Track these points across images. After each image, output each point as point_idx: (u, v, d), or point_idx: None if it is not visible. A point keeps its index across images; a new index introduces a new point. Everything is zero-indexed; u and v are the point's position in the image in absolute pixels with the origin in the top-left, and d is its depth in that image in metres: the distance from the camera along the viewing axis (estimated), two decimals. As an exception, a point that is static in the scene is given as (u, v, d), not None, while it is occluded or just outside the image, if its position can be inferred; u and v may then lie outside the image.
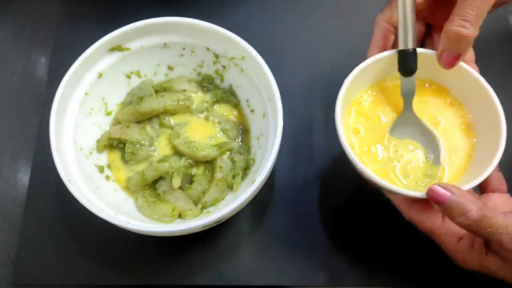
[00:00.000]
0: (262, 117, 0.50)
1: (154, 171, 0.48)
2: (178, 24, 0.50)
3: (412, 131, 0.45)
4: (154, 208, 0.46)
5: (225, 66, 0.52)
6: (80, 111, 0.49)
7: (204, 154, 0.49)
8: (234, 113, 0.53)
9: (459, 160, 0.44)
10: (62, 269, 0.49)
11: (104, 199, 0.46)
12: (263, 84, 0.48)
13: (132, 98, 0.53)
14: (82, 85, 0.49)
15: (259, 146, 0.50)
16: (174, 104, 0.51)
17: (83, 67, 0.48)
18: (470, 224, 0.36)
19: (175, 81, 0.53)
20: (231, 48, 0.50)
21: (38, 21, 0.62)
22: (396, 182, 0.43)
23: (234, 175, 0.49)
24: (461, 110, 0.46)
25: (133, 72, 0.53)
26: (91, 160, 0.49)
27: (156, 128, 0.52)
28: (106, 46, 0.49)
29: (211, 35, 0.50)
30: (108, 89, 0.51)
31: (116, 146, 0.51)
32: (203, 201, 0.48)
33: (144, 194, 0.48)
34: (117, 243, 0.50)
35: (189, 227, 0.42)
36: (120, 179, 0.50)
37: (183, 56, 0.53)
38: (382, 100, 0.47)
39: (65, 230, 0.50)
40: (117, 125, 0.51)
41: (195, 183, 0.49)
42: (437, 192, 0.37)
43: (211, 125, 0.51)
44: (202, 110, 0.52)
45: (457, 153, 0.44)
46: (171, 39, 0.51)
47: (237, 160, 0.49)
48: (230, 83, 0.53)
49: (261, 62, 0.47)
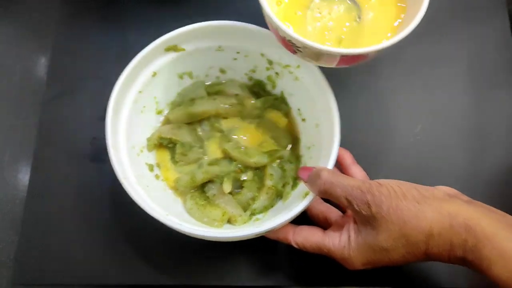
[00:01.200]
0: (314, 127, 0.49)
1: (204, 174, 0.48)
2: (234, 28, 0.49)
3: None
4: (204, 211, 0.46)
5: (278, 73, 0.52)
6: (133, 109, 0.49)
7: (254, 161, 0.49)
8: (284, 121, 0.52)
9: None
10: (62, 268, 0.49)
11: (154, 198, 0.46)
12: (319, 95, 0.48)
13: (182, 98, 0.52)
14: (137, 83, 0.49)
15: (310, 156, 0.49)
16: (227, 108, 0.51)
17: (140, 65, 0.48)
18: (324, 183, 0.40)
19: (227, 85, 0.53)
20: (286, 56, 0.50)
21: (38, 22, 0.62)
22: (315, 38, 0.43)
23: (284, 184, 0.48)
24: None
25: (185, 72, 0.52)
26: (141, 158, 0.49)
27: (206, 130, 0.51)
28: (163, 45, 0.49)
29: (266, 40, 0.50)
30: (160, 88, 0.51)
31: (165, 145, 0.51)
32: (252, 207, 0.48)
33: (193, 196, 0.48)
34: (117, 242, 0.50)
35: (244, 234, 0.42)
36: (168, 179, 0.50)
37: (236, 60, 0.52)
38: None
39: (65, 229, 0.50)
40: (168, 125, 0.51)
41: (244, 189, 0.49)
42: (305, 168, 0.44)
43: (261, 131, 0.51)
44: (253, 115, 0.52)
45: None
46: (226, 42, 0.51)
47: (287, 168, 0.49)
48: (282, 90, 0.53)
49: (318, 72, 0.47)
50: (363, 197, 0.38)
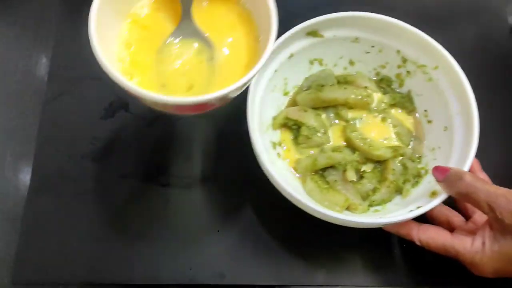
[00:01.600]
0: (442, 130, 0.49)
1: (327, 159, 0.49)
2: (376, 21, 0.50)
3: (189, 37, 0.42)
4: (326, 195, 0.47)
5: (410, 71, 0.52)
6: (267, 87, 0.50)
7: (378, 154, 0.49)
8: (409, 120, 0.53)
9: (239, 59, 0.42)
10: (63, 267, 0.49)
11: (279, 175, 0.47)
12: (456, 99, 0.48)
13: (310, 84, 0.54)
14: (275, 63, 0.50)
15: (433, 158, 0.49)
16: (356, 99, 0.51)
17: (282, 45, 0.49)
18: (466, 186, 0.40)
19: (358, 76, 0.53)
20: (425, 55, 0.50)
21: (39, 22, 0.61)
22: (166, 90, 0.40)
23: (405, 181, 0.49)
24: (250, 22, 0.43)
25: (316, 59, 0.53)
26: (267, 135, 0.51)
27: (331, 117, 0.52)
28: (306, 30, 0.50)
29: (406, 38, 0.50)
30: (292, 70, 0.53)
31: (289, 126, 0.52)
32: (371, 199, 0.48)
33: (314, 179, 0.49)
34: (118, 242, 0.50)
35: (371, 222, 0.43)
36: (289, 159, 0.51)
37: (368, 53, 0.53)
38: (163, 9, 0.43)
39: (65, 229, 0.50)
40: (295, 107, 0.52)
41: (365, 180, 0.49)
42: (440, 168, 0.43)
43: (386, 126, 0.52)
44: (379, 110, 0.52)
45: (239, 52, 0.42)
46: (363, 34, 0.52)
47: (409, 166, 0.49)
48: (410, 89, 0.53)
49: (461, 75, 0.47)
50: (509, 206, 0.38)
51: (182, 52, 0.41)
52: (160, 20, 0.42)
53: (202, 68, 0.41)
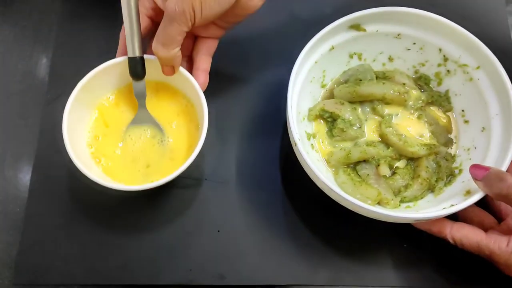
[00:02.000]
0: (480, 131, 0.49)
1: (361, 153, 0.49)
2: (421, 17, 0.50)
3: (145, 123, 0.50)
4: (359, 188, 0.48)
5: (450, 71, 0.52)
6: (306, 77, 0.51)
7: (413, 150, 0.49)
8: (445, 119, 0.53)
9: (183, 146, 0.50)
10: (63, 268, 0.49)
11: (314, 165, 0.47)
12: (498, 99, 0.48)
13: (348, 77, 0.54)
14: (316, 54, 0.51)
15: (468, 158, 0.49)
16: (394, 95, 0.51)
17: (325, 37, 0.50)
18: (509, 187, 0.40)
19: (396, 73, 0.53)
20: (468, 55, 0.50)
21: (39, 22, 0.61)
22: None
23: (438, 179, 0.49)
24: (193, 113, 0.51)
25: (356, 53, 0.54)
26: (302, 125, 0.51)
27: (367, 112, 0.53)
28: (349, 23, 0.50)
29: (449, 36, 0.50)
30: (331, 63, 0.53)
31: (325, 118, 0.52)
32: (403, 195, 0.48)
33: (347, 171, 0.49)
34: (118, 242, 0.50)
35: (404, 216, 0.43)
36: (322, 151, 0.51)
37: (409, 50, 0.53)
38: (123, 102, 0.51)
39: (66, 229, 0.51)
40: (332, 100, 0.53)
41: (397, 176, 0.49)
42: (479, 166, 0.43)
43: (422, 124, 0.52)
44: (416, 107, 0.52)
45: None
46: (406, 30, 0.52)
47: (442, 165, 0.49)
48: (448, 89, 0.53)
49: (504, 76, 0.47)
50: None
51: (139, 135, 0.50)
52: (120, 112, 0.51)
53: (155, 149, 0.50)
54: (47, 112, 0.56)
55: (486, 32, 0.56)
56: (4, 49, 0.60)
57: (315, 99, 0.54)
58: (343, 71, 0.54)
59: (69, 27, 0.61)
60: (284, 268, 0.49)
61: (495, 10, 0.62)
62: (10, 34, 0.61)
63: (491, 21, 0.62)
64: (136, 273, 0.49)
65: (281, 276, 0.49)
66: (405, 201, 0.49)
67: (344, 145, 0.51)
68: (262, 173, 0.53)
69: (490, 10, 0.62)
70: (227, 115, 0.56)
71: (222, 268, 0.49)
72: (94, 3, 0.62)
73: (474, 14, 0.61)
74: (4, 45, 0.61)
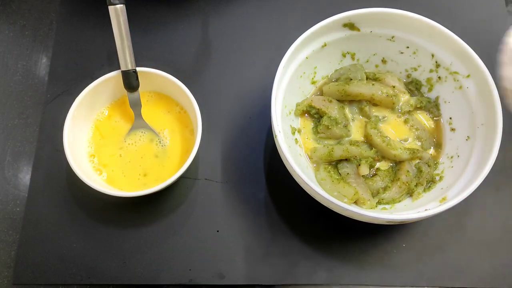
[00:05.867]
0: (464, 139, 0.49)
1: (344, 151, 0.50)
2: (414, 20, 0.50)
3: (142, 129, 0.53)
4: (336, 186, 0.48)
5: (441, 77, 0.52)
6: (295, 72, 0.51)
7: (395, 153, 0.49)
8: (432, 125, 0.52)
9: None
10: (62, 268, 0.49)
11: (294, 160, 0.48)
12: (485, 110, 0.47)
13: (339, 76, 0.54)
14: (308, 49, 0.51)
15: (450, 165, 0.49)
16: (382, 96, 0.51)
17: (317, 33, 0.50)
18: None
19: (387, 75, 0.53)
20: (459, 62, 0.49)
21: (39, 21, 0.62)
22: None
23: (417, 184, 0.49)
24: (187, 119, 0.53)
25: (349, 52, 0.54)
26: (287, 119, 0.51)
27: (354, 112, 0.53)
28: (343, 21, 0.50)
29: (442, 42, 0.50)
30: (323, 60, 0.53)
31: (311, 114, 0.52)
32: (380, 196, 0.48)
33: (327, 169, 0.50)
34: (118, 242, 0.50)
35: (378, 216, 0.43)
36: (306, 146, 0.52)
37: (402, 54, 0.53)
38: (119, 113, 0.54)
39: (66, 229, 0.51)
40: (320, 96, 0.53)
41: (377, 177, 0.49)
42: None
43: (408, 128, 0.52)
44: (404, 111, 0.52)
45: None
46: (400, 33, 0.52)
47: (424, 170, 0.49)
48: (438, 95, 0.53)
49: (493, 87, 0.46)
50: None
51: (137, 143, 0.52)
52: (115, 123, 0.54)
53: (152, 155, 0.52)
54: (46, 111, 0.56)
55: (486, 33, 0.56)
56: (4, 48, 0.61)
57: (305, 95, 0.54)
58: (335, 70, 0.55)
59: (69, 26, 0.61)
60: (283, 267, 0.50)
61: (495, 15, 0.62)
62: (10, 33, 0.61)
63: (491, 22, 0.61)
64: (136, 273, 0.49)
65: (281, 276, 0.49)
66: (383, 203, 0.49)
67: (329, 143, 0.52)
68: (262, 172, 0.53)
69: (490, 10, 0.62)
70: (221, 115, 0.56)
71: (221, 268, 0.49)
72: (93, 3, 0.62)
73: (474, 15, 0.61)
74: (4, 45, 0.61)
